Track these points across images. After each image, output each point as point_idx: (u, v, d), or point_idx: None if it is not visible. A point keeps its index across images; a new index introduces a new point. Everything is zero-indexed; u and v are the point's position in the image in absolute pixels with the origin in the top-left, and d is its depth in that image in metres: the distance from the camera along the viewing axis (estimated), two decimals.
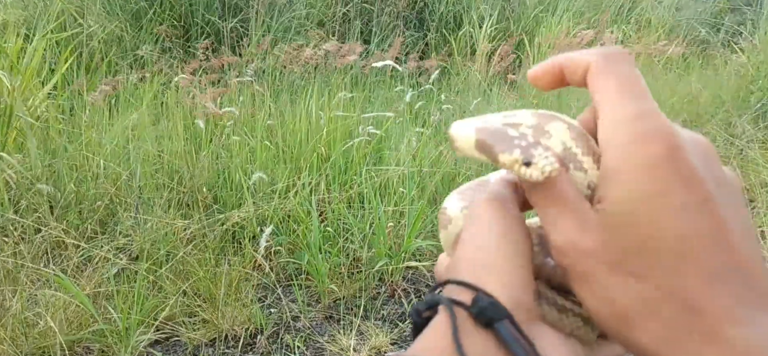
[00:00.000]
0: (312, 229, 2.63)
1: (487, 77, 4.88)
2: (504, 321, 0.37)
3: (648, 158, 0.34)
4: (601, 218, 0.36)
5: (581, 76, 0.40)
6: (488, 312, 0.37)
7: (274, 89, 4.02)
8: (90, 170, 2.98)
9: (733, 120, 4.41)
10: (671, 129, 0.36)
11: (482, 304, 0.37)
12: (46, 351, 2.17)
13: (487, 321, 0.37)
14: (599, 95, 0.38)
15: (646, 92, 0.37)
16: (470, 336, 0.38)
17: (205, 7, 4.96)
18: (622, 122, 0.36)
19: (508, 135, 0.40)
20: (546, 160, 0.37)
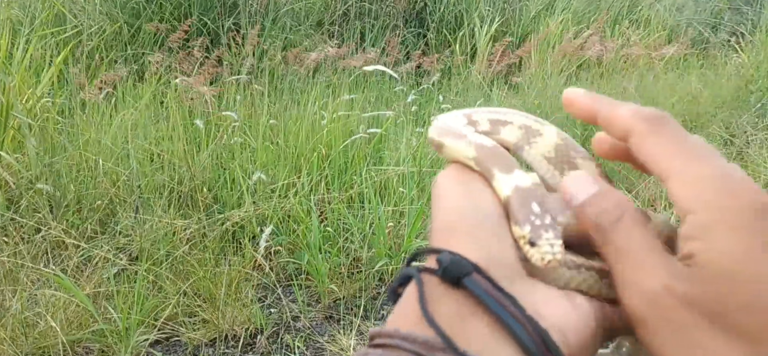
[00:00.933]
0: (312, 229, 2.63)
1: (488, 78, 4.88)
2: (471, 275, 0.36)
3: (744, 213, 0.34)
4: (694, 272, 0.35)
5: (620, 135, 0.40)
6: (453, 270, 0.36)
7: (273, 88, 4.02)
8: (89, 169, 2.98)
9: (733, 120, 4.41)
10: (755, 184, 0.36)
11: (445, 263, 0.36)
12: (46, 351, 2.17)
13: (454, 280, 0.36)
14: (660, 158, 0.38)
15: (712, 149, 0.38)
16: (440, 300, 0.37)
17: (204, 7, 4.96)
18: (704, 180, 0.36)
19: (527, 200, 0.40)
20: (550, 248, 0.37)
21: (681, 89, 4.79)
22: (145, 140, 3.22)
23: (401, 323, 0.37)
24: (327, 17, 5.40)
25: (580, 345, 0.38)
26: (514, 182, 0.40)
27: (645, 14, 6.55)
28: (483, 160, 0.42)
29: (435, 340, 0.35)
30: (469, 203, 0.40)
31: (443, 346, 0.35)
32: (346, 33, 5.16)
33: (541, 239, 0.37)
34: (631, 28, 6.15)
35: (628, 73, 5.07)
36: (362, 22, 5.33)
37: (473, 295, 0.36)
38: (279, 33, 4.86)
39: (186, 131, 3.32)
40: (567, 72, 4.89)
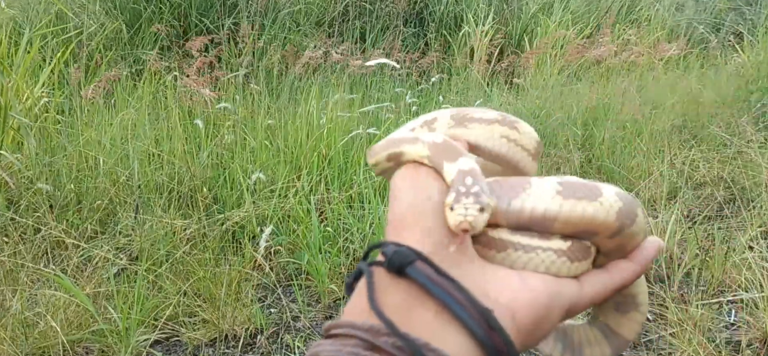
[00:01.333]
0: (312, 229, 2.63)
1: (487, 77, 4.88)
2: (414, 264, 0.38)
3: None
4: None
5: None
6: (396, 260, 0.38)
7: (272, 88, 4.02)
8: (89, 169, 2.98)
9: (733, 120, 4.41)
10: None
11: (389, 254, 0.38)
12: (46, 351, 2.17)
13: (397, 270, 0.38)
14: None
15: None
16: (387, 290, 0.38)
17: (204, 6, 4.96)
18: None
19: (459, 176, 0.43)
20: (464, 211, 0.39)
21: (681, 89, 4.79)
22: (145, 140, 3.22)
23: (352, 314, 0.39)
24: (327, 17, 5.40)
25: (532, 322, 0.40)
26: (458, 166, 0.42)
27: (644, 14, 6.55)
28: (434, 156, 0.44)
29: (380, 327, 0.37)
30: (420, 196, 0.42)
31: (388, 332, 0.36)
32: (345, 33, 5.16)
33: (459, 204, 0.39)
34: (631, 28, 6.15)
35: (628, 73, 5.07)
36: (362, 22, 5.33)
37: (418, 283, 0.38)
38: (278, 33, 4.86)
39: (185, 130, 3.33)
40: (567, 72, 4.89)
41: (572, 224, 0.42)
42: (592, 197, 0.42)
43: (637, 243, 0.46)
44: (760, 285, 2.40)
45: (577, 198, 0.42)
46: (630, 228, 0.44)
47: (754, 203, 3.17)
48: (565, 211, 0.42)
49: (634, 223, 0.44)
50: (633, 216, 0.44)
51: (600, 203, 0.42)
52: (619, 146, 3.80)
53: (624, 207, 0.43)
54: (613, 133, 3.86)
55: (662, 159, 3.63)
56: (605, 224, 0.43)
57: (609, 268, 0.45)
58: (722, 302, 2.46)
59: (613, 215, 0.42)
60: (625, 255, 0.46)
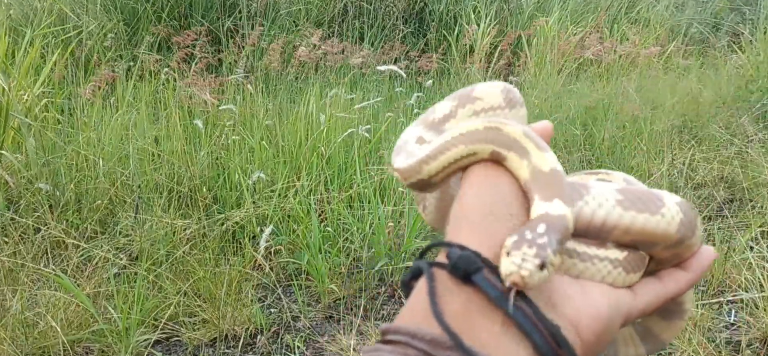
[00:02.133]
0: (312, 229, 2.63)
1: (487, 77, 4.88)
2: (481, 271, 0.36)
3: None
4: None
5: None
6: (461, 265, 0.36)
7: (271, 88, 4.02)
8: (89, 169, 2.98)
9: (733, 120, 4.41)
10: None
11: (454, 258, 0.36)
12: (46, 351, 2.17)
13: (463, 275, 0.36)
14: None
15: None
16: (449, 295, 0.36)
17: (204, 7, 4.96)
18: None
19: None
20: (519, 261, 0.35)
21: (681, 89, 4.79)
22: (145, 140, 3.22)
23: (411, 318, 0.37)
24: (326, 17, 5.40)
25: (594, 336, 0.38)
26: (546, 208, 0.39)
27: (644, 14, 6.55)
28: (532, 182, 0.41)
29: (443, 337, 0.35)
30: (489, 192, 0.40)
31: (451, 344, 0.34)
32: (345, 32, 5.16)
33: (518, 251, 0.36)
34: (630, 27, 6.15)
35: (628, 73, 5.07)
36: (361, 22, 5.33)
37: (480, 289, 0.36)
38: (278, 32, 4.86)
39: (185, 130, 3.32)
40: (566, 72, 4.89)
41: (632, 236, 0.41)
42: (653, 208, 0.41)
43: (692, 253, 0.45)
44: (760, 285, 2.40)
45: (638, 209, 0.41)
46: (690, 240, 0.43)
47: (754, 203, 3.17)
48: (625, 222, 0.41)
49: (693, 235, 0.43)
50: (693, 228, 0.43)
51: (662, 215, 0.41)
52: (619, 146, 3.80)
53: (685, 219, 0.42)
54: (613, 133, 3.86)
55: (662, 159, 3.63)
56: (666, 236, 0.42)
57: (662, 277, 0.44)
58: (722, 302, 2.46)
59: (674, 227, 0.42)
60: (679, 263, 0.45)
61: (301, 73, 4.29)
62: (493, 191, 0.40)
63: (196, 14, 4.90)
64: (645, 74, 5.03)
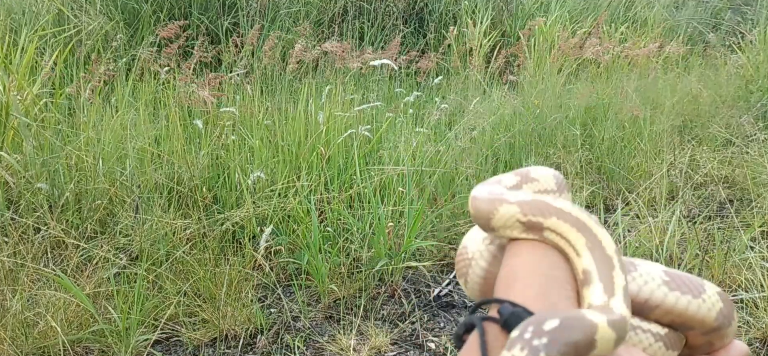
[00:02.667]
0: (312, 229, 2.63)
1: (486, 77, 4.88)
2: None
3: None
4: None
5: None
6: (513, 321, 0.37)
7: (270, 87, 4.02)
8: (89, 168, 2.97)
9: (733, 120, 4.41)
10: None
11: (506, 314, 0.37)
12: (46, 351, 2.17)
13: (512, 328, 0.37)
14: None
15: None
16: (499, 349, 0.38)
17: (203, 6, 4.96)
18: None
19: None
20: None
21: (681, 89, 4.79)
22: (144, 140, 3.22)
23: None
24: (326, 16, 5.40)
25: None
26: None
27: (642, 14, 6.55)
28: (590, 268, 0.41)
29: None
30: (542, 257, 0.42)
31: None
32: (345, 32, 5.16)
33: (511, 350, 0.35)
34: (629, 27, 6.15)
35: (628, 73, 5.07)
36: (361, 22, 5.33)
37: None
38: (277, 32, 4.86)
39: (185, 130, 3.32)
40: (566, 71, 4.89)
41: (673, 316, 0.44)
42: (696, 292, 0.44)
43: (724, 344, 0.47)
44: (761, 285, 2.40)
45: (682, 291, 0.44)
46: (726, 329, 0.45)
47: (755, 203, 3.17)
48: (670, 302, 0.43)
49: (730, 325, 0.46)
50: (730, 318, 0.45)
51: (703, 300, 0.44)
52: (619, 146, 3.80)
53: (724, 308, 0.45)
54: (613, 133, 3.86)
55: (662, 159, 3.63)
56: (705, 321, 0.44)
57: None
58: None
59: (713, 314, 0.44)
60: (709, 352, 0.47)
61: (300, 73, 4.29)
62: (547, 258, 0.42)
63: (195, 13, 4.90)
64: (644, 74, 5.03)
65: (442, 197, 3.12)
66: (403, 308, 2.58)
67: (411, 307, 2.57)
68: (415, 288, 2.72)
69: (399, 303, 2.62)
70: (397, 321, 2.50)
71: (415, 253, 2.83)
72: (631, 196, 3.18)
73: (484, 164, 3.43)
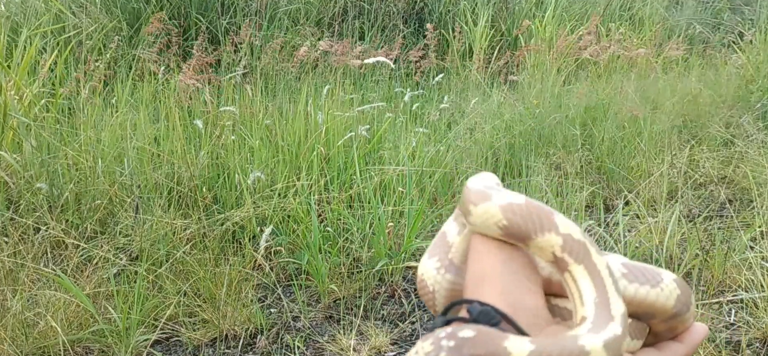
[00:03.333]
0: (312, 229, 2.63)
1: (486, 76, 4.87)
2: (500, 323, 0.38)
3: None
4: None
5: None
6: (482, 319, 0.38)
7: (269, 87, 4.02)
8: (89, 168, 2.97)
9: (733, 120, 4.41)
10: None
11: (475, 313, 0.39)
12: (46, 351, 2.17)
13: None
14: None
15: None
16: None
17: (203, 6, 4.96)
18: None
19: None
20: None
21: (681, 89, 4.79)
22: (144, 140, 3.22)
23: None
24: (326, 16, 5.40)
25: None
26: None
27: (640, 13, 6.54)
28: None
29: None
30: (500, 257, 0.43)
31: None
32: (345, 32, 5.16)
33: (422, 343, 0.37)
34: (628, 27, 6.15)
35: (627, 72, 5.07)
36: (361, 22, 5.33)
37: None
38: (276, 31, 4.86)
39: (185, 130, 3.32)
40: (565, 71, 4.89)
41: (634, 306, 0.46)
42: (654, 282, 0.46)
43: (686, 327, 0.50)
44: (760, 285, 2.40)
45: (640, 282, 0.45)
46: (685, 314, 0.48)
47: (755, 203, 3.17)
48: (629, 293, 0.45)
49: (688, 310, 0.48)
50: (688, 304, 0.48)
51: (661, 289, 0.46)
52: (619, 146, 3.80)
53: (682, 295, 0.47)
54: (613, 133, 3.86)
55: (662, 159, 3.64)
56: (665, 309, 0.46)
57: (662, 348, 0.49)
58: (722, 302, 2.46)
59: (672, 301, 0.46)
60: (673, 337, 0.50)
61: (300, 72, 4.28)
62: (508, 253, 0.43)
63: (193, 14, 4.90)
64: (644, 74, 5.03)
65: (442, 197, 3.12)
66: (403, 308, 2.58)
67: (411, 307, 2.57)
68: (415, 288, 2.72)
69: (399, 303, 2.62)
70: (397, 321, 2.50)
71: (415, 253, 2.83)
72: (631, 196, 3.18)
73: (484, 164, 3.43)
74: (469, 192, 0.45)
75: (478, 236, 0.45)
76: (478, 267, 0.43)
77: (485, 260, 0.43)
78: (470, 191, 0.45)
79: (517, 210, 0.42)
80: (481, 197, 0.44)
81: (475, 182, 0.46)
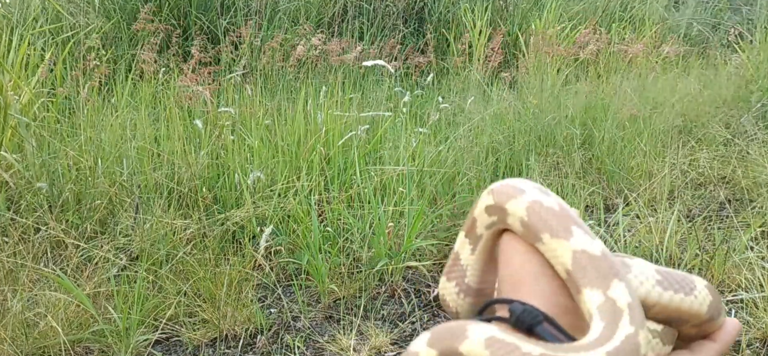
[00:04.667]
0: (312, 229, 2.63)
1: (486, 76, 4.87)
2: (542, 323, 0.39)
3: None
4: None
5: None
6: (525, 318, 0.39)
7: (269, 87, 4.02)
8: (89, 168, 2.97)
9: (733, 120, 4.41)
10: None
11: (518, 312, 0.40)
12: (46, 351, 2.17)
13: (527, 327, 0.39)
14: None
15: None
16: None
17: (203, 6, 4.96)
18: None
19: None
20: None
21: (681, 89, 4.79)
22: (144, 140, 3.22)
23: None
24: (325, 16, 5.40)
25: None
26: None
27: (639, 13, 6.54)
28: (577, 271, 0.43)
29: None
30: (532, 260, 0.43)
31: None
32: (345, 32, 5.15)
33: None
34: (627, 27, 6.15)
35: (627, 72, 5.07)
36: (361, 22, 5.32)
37: (542, 338, 0.39)
38: (275, 31, 4.86)
39: (185, 130, 3.32)
40: (565, 72, 4.89)
41: (668, 312, 0.46)
42: (687, 290, 0.46)
43: (716, 328, 0.50)
44: (760, 285, 2.40)
45: (674, 290, 0.46)
46: (717, 319, 0.49)
47: (755, 203, 3.17)
48: (664, 301, 0.46)
49: (720, 315, 0.49)
50: (720, 309, 0.49)
51: (695, 296, 0.47)
52: (619, 146, 3.80)
53: (714, 301, 0.48)
54: (613, 133, 3.86)
55: (662, 159, 3.64)
56: (698, 315, 0.47)
57: (694, 349, 0.49)
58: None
59: (705, 308, 0.47)
60: (705, 337, 0.50)
61: (299, 72, 4.28)
62: (530, 255, 0.44)
63: (193, 13, 4.90)
64: (644, 74, 5.03)
65: (443, 197, 3.12)
66: (403, 308, 2.58)
67: (411, 307, 2.57)
68: (415, 288, 2.72)
69: (399, 303, 2.62)
70: (397, 321, 2.50)
71: (415, 253, 2.83)
72: (631, 196, 3.18)
73: (484, 164, 3.43)
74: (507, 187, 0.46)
75: (511, 237, 0.45)
76: (513, 269, 0.44)
77: (521, 262, 0.43)
78: (507, 185, 0.46)
79: (538, 209, 0.43)
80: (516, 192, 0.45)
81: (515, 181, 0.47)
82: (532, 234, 0.43)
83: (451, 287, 0.50)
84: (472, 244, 0.49)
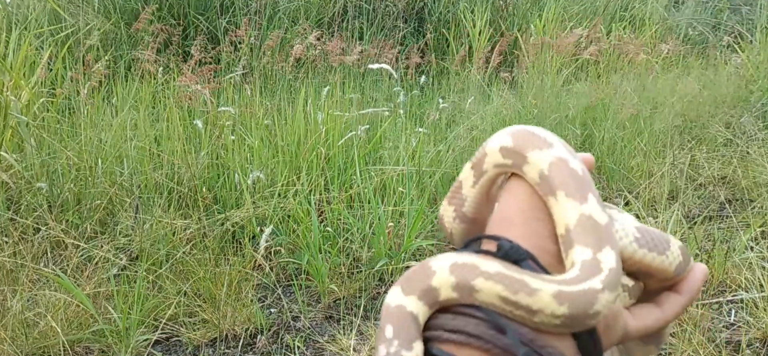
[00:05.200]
0: (312, 229, 2.63)
1: (486, 76, 4.87)
2: (526, 260, 0.42)
3: None
4: None
5: None
6: (511, 254, 0.42)
7: (269, 87, 4.02)
8: (89, 168, 2.97)
9: (733, 120, 4.41)
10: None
11: (505, 248, 0.42)
12: (46, 351, 2.17)
13: (512, 262, 0.42)
14: None
15: None
16: None
17: (202, 6, 4.96)
18: None
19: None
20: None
21: (681, 89, 4.79)
22: (144, 140, 3.22)
23: None
24: (325, 16, 5.40)
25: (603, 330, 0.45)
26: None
27: (640, 13, 6.54)
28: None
29: None
30: (530, 205, 0.46)
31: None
32: (345, 32, 5.15)
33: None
34: (626, 27, 6.14)
35: (627, 72, 5.07)
36: (361, 22, 5.32)
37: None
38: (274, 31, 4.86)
39: (185, 130, 3.32)
40: (565, 72, 4.89)
41: (637, 267, 0.48)
42: (661, 249, 0.48)
43: (681, 280, 0.51)
44: (760, 285, 2.40)
45: (649, 248, 0.48)
46: (681, 275, 0.50)
47: (755, 203, 3.17)
48: (638, 257, 0.48)
49: (684, 272, 0.51)
50: (686, 267, 0.50)
51: (666, 256, 0.48)
52: (619, 146, 3.80)
53: (683, 261, 0.49)
54: (613, 133, 3.86)
55: (662, 159, 3.63)
56: (665, 273, 0.49)
57: (661, 302, 0.50)
58: (722, 302, 2.46)
59: (673, 267, 0.49)
60: (670, 288, 0.51)
61: (299, 72, 4.28)
62: (538, 202, 0.46)
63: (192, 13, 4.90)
64: (644, 74, 5.03)
65: (442, 197, 3.12)
66: None
67: None
68: None
69: None
70: None
71: (416, 253, 2.83)
72: (631, 196, 3.18)
73: None
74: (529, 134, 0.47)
75: (518, 182, 0.47)
76: (507, 207, 0.46)
77: (516, 203, 0.46)
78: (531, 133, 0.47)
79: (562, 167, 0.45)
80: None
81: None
82: (547, 187, 0.44)
83: (449, 211, 0.53)
84: (476, 177, 0.50)
